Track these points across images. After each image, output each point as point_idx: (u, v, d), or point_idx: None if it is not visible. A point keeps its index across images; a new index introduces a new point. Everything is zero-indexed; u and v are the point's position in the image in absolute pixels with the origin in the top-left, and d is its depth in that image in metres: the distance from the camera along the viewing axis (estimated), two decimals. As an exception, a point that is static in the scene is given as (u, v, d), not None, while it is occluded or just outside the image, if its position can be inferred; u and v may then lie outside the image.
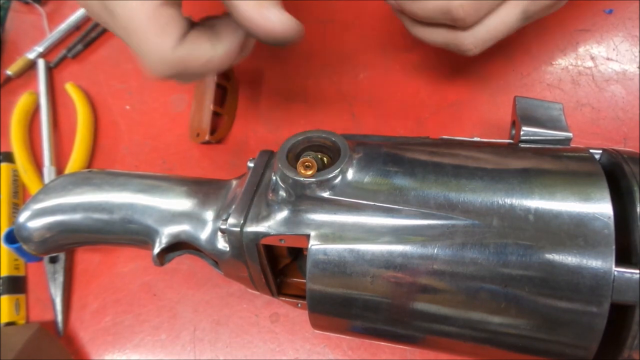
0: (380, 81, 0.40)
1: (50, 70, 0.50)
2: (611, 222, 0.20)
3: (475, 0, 0.25)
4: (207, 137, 0.40)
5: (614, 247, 0.20)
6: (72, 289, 0.41)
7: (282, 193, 0.25)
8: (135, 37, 0.24)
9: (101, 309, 0.40)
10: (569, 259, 0.20)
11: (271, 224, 0.24)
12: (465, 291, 0.21)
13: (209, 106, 0.40)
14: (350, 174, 0.24)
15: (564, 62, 0.37)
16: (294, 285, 0.31)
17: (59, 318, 0.40)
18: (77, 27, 0.51)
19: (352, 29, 0.43)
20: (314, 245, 0.23)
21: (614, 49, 0.37)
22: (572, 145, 0.25)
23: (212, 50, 0.25)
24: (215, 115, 0.41)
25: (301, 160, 0.24)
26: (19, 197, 0.45)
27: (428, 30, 0.29)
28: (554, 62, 0.38)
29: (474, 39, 0.28)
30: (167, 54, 0.24)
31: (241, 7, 0.22)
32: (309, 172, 0.24)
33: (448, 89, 0.38)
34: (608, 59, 0.37)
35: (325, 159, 0.26)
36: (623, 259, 0.20)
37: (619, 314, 0.20)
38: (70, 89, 0.47)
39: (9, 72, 0.49)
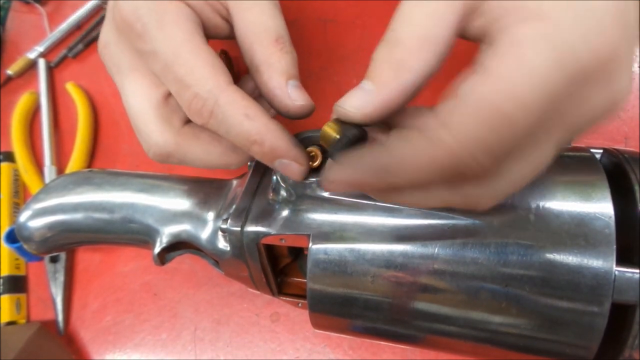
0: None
1: (50, 70, 0.50)
2: (612, 221, 0.20)
3: (493, 144, 0.16)
4: (207, 137, 0.40)
5: (614, 246, 0.20)
6: (73, 289, 0.41)
7: (283, 193, 0.25)
8: (135, 121, 0.26)
9: (102, 308, 0.40)
10: (570, 259, 0.20)
11: (272, 224, 0.25)
12: (466, 291, 0.21)
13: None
14: (350, 174, 0.24)
15: (564, 62, 0.37)
16: (294, 285, 0.31)
17: (60, 317, 0.40)
18: (77, 26, 0.51)
19: (353, 29, 0.43)
20: (315, 244, 0.23)
21: (614, 49, 0.37)
22: (573, 144, 0.25)
23: (204, 153, 0.26)
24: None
25: (306, 150, 0.24)
26: (19, 196, 0.45)
27: (418, 194, 0.19)
28: (554, 62, 0.37)
29: (490, 196, 0.18)
30: (161, 145, 0.25)
31: (270, 84, 0.24)
32: (315, 164, 0.24)
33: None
34: (609, 58, 0.37)
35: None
36: (624, 258, 0.20)
37: (620, 313, 0.20)
38: (71, 88, 0.47)
39: (9, 71, 0.49)
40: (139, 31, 0.24)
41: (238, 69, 0.43)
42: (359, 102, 0.18)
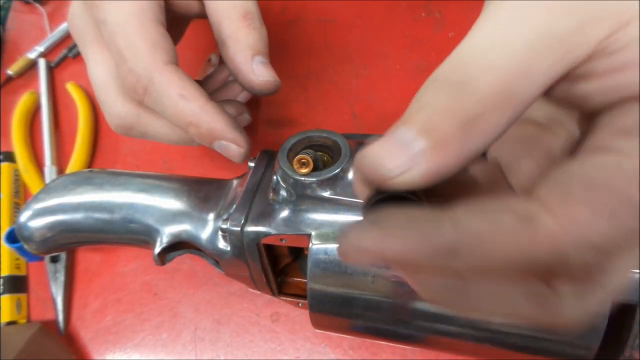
0: (380, 81, 0.40)
1: (51, 70, 0.50)
2: (612, 221, 0.20)
3: (608, 236, 0.12)
4: (207, 137, 0.40)
5: (615, 246, 0.20)
6: (73, 289, 0.41)
7: (283, 193, 0.25)
8: (98, 92, 0.26)
9: (102, 308, 0.40)
10: (570, 259, 0.20)
11: (272, 224, 0.25)
12: (466, 291, 0.21)
13: (209, 106, 0.40)
14: (351, 174, 0.24)
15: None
16: (294, 285, 0.31)
17: (60, 317, 0.40)
18: (77, 26, 0.51)
19: (353, 29, 0.43)
20: (315, 244, 0.23)
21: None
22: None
23: (164, 128, 0.26)
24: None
25: (297, 157, 0.24)
26: (20, 196, 0.45)
27: (483, 292, 0.13)
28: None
29: (579, 309, 0.14)
30: (122, 116, 0.26)
31: (235, 59, 0.25)
32: (304, 170, 0.24)
33: (449, 89, 0.38)
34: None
35: (325, 158, 0.26)
36: (624, 258, 0.20)
37: (620, 313, 0.20)
38: (71, 88, 0.47)
39: (9, 71, 0.49)
40: (97, 1, 0.24)
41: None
42: (400, 162, 0.13)
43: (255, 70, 0.24)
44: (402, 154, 0.13)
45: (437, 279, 0.13)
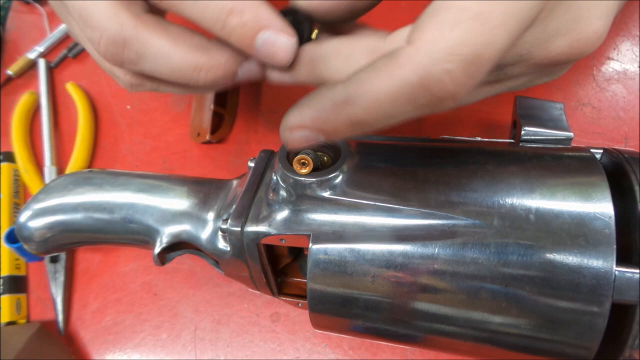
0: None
1: (50, 70, 0.50)
2: (612, 221, 0.20)
3: (469, 55, 0.15)
4: (207, 137, 0.40)
5: (615, 246, 0.20)
6: (73, 289, 0.41)
7: (283, 193, 0.25)
8: (81, 6, 0.20)
9: (102, 308, 0.40)
10: (570, 259, 0.20)
11: (272, 224, 0.24)
12: (466, 291, 0.21)
13: (209, 106, 0.40)
14: (350, 174, 0.24)
15: (564, 62, 0.37)
16: (294, 285, 0.31)
17: (60, 317, 0.40)
18: (77, 26, 0.51)
19: (353, 29, 0.43)
20: (315, 244, 0.23)
21: (614, 49, 0.37)
22: (573, 144, 0.25)
23: (169, 46, 0.20)
24: (216, 115, 0.41)
25: (297, 157, 0.24)
26: (19, 196, 0.45)
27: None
28: (554, 62, 0.37)
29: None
30: (114, 30, 0.20)
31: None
32: (304, 170, 0.24)
33: (449, 89, 0.38)
34: (609, 58, 0.37)
35: (325, 158, 0.26)
36: (624, 258, 0.20)
37: (620, 313, 0.20)
38: (71, 88, 0.47)
39: (9, 71, 0.49)
40: None
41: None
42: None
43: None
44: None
45: (351, 127, 0.17)
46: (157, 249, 0.28)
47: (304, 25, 0.19)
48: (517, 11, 0.15)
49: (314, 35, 0.20)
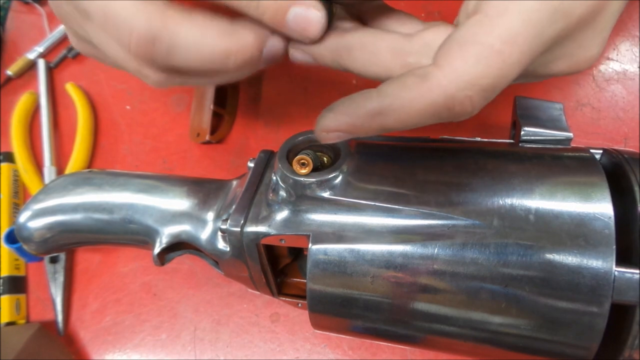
0: (379, 81, 0.40)
1: (50, 70, 0.50)
2: (612, 222, 0.20)
3: (487, 84, 0.18)
4: (207, 137, 0.40)
5: (614, 247, 0.20)
6: (73, 289, 0.41)
7: (283, 193, 0.25)
8: (106, 9, 0.20)
9: (101, 308, 0.40)
10: (570, 259, 0.20)
11: (271, 224, 0.24)
12: (466, 291, 0.21)
13: (209, 106, 0.40)
14: (350, 174, 0.24)
15: (564, 62, 0.37)
16: (294, 285, 0.31)
17: (60, 318, 0.40)
18: (77, 27, 0.51)
19: (353, 29, 0.43)
20: (315, 245, 0.23)
21: (614, 49, 0.37)
22: (573, 145, 0.25)
23: (199, 35, 0.20)
24: (216, 115, 0.41)
25: (297, 158, 0.24)
26: (19, 197, 0.45)
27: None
28: (554, 62, 0.37)
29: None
30: (145, 28, 0.20)
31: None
32: (304, 171, 0.24)
33: (448, 89, 0.38)
34: (608, 58, 0.37)
35: (325, 158, 0.26)
36: (624, 259, 0.20)
37: (620, 313, 0.20)
38: (71, 89, 0.47)
39: (9, 72, 0.49)
40: None
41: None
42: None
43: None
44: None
45: (379, 131, 0.19)
46: (157, 250, 0.28)
47: (328, 3, 0.20)
48: (533, 50, 0.18)
49: (335, 11, 0.21)
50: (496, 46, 0.17)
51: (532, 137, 0.26)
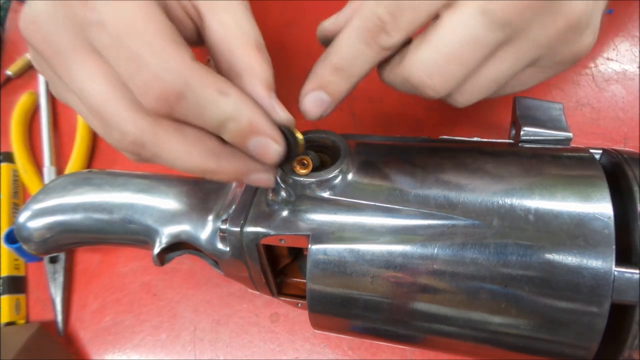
0: (379, 81, 0.40)
1: (50, 70, 0.50)
2: (611, 222, 0.20)
3: (444, 70, 0.20)
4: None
5: (614, 247, 0.20)
6: (72, 289, 0.41)
7: (282, 193, 0.25)
8: (99, 109, 0.21)
9: (101, 308, 0.40)
10: (569, 259, 0.20)
11: (271, 224, 0.24)
12: (466, 291, 0.21)
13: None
14: (350, 174, 0.24)
15: (564, 62, 0.37)
16: (294, 285, 0.31)
17: (59, 318, 0.40)
18: (77, 27, 0.51)
19: (352, 29, 0.43)
20: (314, 245, 0.23)
21: (613, 49, 0.37)
22: (572, 145, 0.25)
23: (184, 153, 0.21)
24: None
25: (298, 158, 0.24)
26: (19, 197, 0.45)
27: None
28: (554, 62, 0.37)
29: (457, 102, 0.23)
30: (133, 134, 0.21)
31: (254, 94, 0.22)
32: (304, 171, 0.24)
33: (448, 89, 0.38)
34: (608, 59, 0.37)
35: (325, 158, 0.26)
36: (623, 259, 0.20)
37: (619, 313, 0.20)
38: (70, 89, 0.47)
39: (9, 72, 0.49)
40: None
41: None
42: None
43: (275, 108, 0.22)
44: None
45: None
46: (157, 250, 0.28)
47: (292, 139, 0.22)
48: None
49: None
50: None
51: (532, 137, 0.26)
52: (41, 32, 0.21)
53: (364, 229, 0.23)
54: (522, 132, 0.26)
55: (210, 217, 0.28)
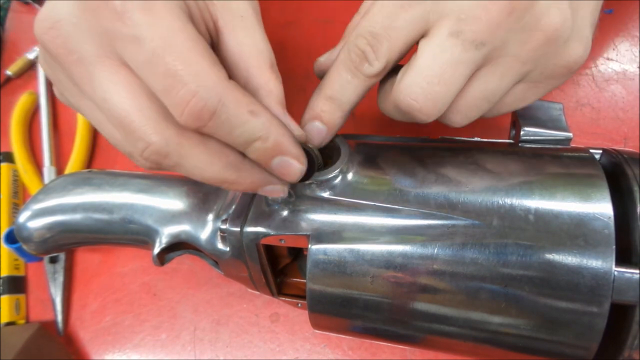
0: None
1: (50, 70, 0.50)
2: (611, 222, 0.20)
3: (428, 92, 0.21)
4: (207, 137, 0.40)
5: (614, 247, 0.20)
6: (72, 289, 0.41)
7: (282, 193, 0.25)
8: (123, 118, 0.21)
9: (101, 308, 0.40)
10: (569, 259, 0.20)
11: (271, 224, 0.25)
12: (466, 291, 0.21)
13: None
14: (350, 174, 0.24)
15: (564, 62, 0.37)
16: (294, 285, 0.31)
17: (59, 318, 0.40)
18: (77, 27, 0.51)
19: (352, 29, 0.43)
20: (314, 245, 0.23)
21: (613, 49, 0.37)
22: (572, 145, 0.25)
23: (206, 163, 0.22)
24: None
25: None
26: (19, 197, 0.45)
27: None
28: (554, 62, 0.37)
29: (454, 122, 0.24)
30: (159, 144, 0.21)
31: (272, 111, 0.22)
32: None
33: (448, 89, 0.38)
34: (608, 59, 0.37)
35: (325, 158, 0.26)
36: (623, 259, 0.20)
37: (619, 313, 0.20)
38: (70, 89, 0.47)
39: (9, 72, 0.49)
40: (118, 10, 0.19)
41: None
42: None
43: (290, 124, 0.23)
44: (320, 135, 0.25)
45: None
46: (157, 250, 0.28)
47: (315, 158, 0.24)
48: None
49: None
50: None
51: (532, 137, 0.26)
52: (61, 38, 0.21)
53: (364, 229, 0.23)
54: (522, 132, 0.26)
55: (210, 217, 0.28)
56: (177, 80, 0.19)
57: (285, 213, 0.25)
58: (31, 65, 0.50)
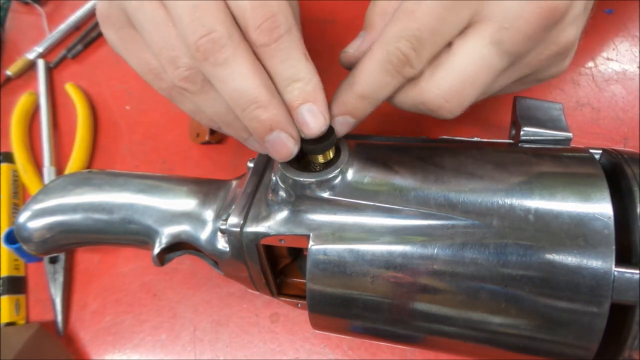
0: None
1: (50, 71, 0.50)
2: (611, 222, 0.20)
3: (460, 94, 0.22)
4: (207, 137, 0.40)
5: (614, 247, 0.20)
6: (72, 289, 0.41)
7: (282, 193, 0.25)
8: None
9: (101, 308, 0.40)
10: (569, 259, 0.20)
11: (271, 224, 0.24)
12: (466, 291, 0.21)
13: (209, 106, 0.40)
14: (350, 175, 0.24)
15: (564, 62, 0.37)
16: (294, 285, 0.31)
17: (59, 318, 0.40)
18: (76, 27, 0.51)
19: (353, 29, 0.43)
20: (314, 245, 0.23)
21: (613, 49, 0.37)
22: (572, 145, 0.25)
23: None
24: (215, 115, 0.41)
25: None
26: (18, 197, 0.45)
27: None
28: (554, 62, 0.37)
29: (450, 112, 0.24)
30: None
31: None
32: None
33: (448, 89, 0.38)
34: (608, 58, 0.37)
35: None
36: (623, 259, 0.20)
37: (619, 314, 0.20)
38: (70, 89, 0.47)
39: (8, 72, 0.49)
40: None
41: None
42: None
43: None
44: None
45: None
46: (157, 250, 0.28)
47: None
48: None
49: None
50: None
51: (532, 137, 0.26)
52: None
53: (363, 229, 0.23)
54: (522, 132, 0.26)
55: (210, 217, 0.28)
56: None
57: (285, 213, 0.25)
58: (31, 65, 0.50)
